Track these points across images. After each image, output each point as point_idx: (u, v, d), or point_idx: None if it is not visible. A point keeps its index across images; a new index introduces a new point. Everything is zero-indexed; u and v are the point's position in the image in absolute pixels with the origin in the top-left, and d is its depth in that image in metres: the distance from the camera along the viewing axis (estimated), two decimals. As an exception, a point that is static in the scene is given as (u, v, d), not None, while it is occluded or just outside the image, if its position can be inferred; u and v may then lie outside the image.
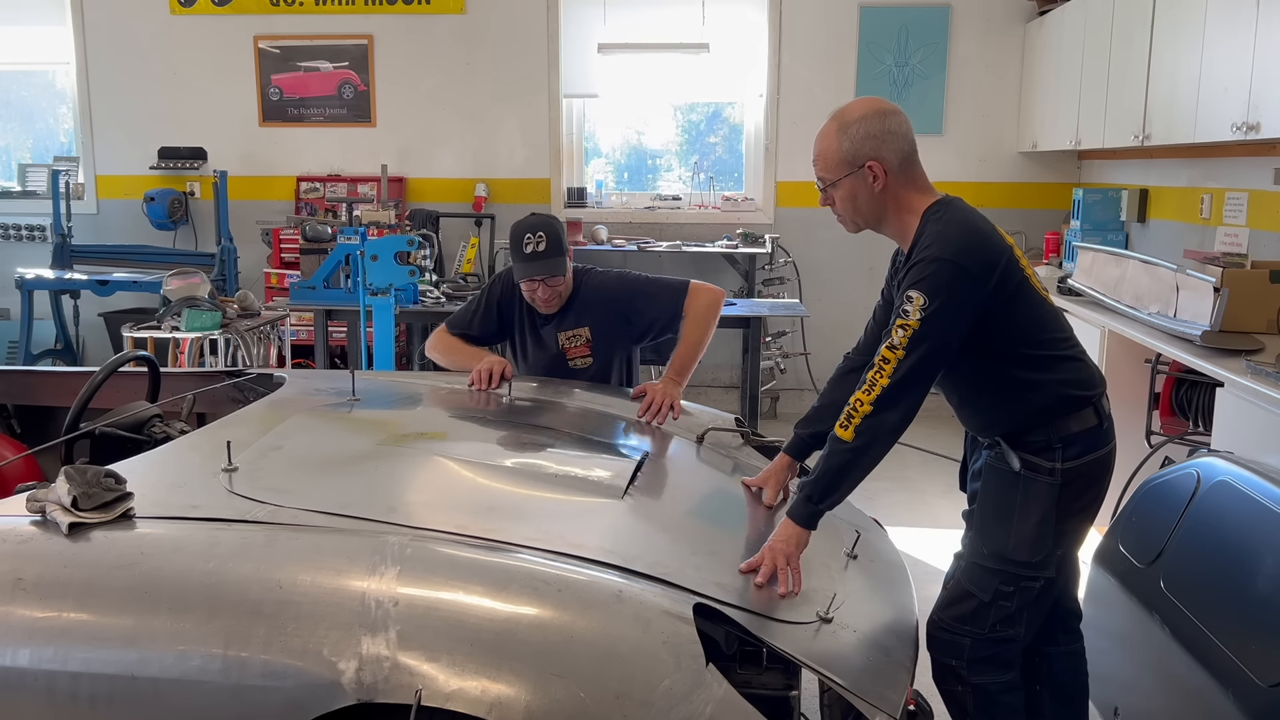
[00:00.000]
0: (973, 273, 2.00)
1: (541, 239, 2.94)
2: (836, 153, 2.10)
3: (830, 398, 2.37)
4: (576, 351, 3.09)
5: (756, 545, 2.00)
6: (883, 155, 2.08)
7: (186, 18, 6.69)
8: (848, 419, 2.00)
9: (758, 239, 6.30)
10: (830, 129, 2.12)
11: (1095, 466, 2.14)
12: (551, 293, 3.02)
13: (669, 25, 6.39)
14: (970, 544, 2.22)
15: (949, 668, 2.18)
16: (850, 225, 2.20)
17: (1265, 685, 1.96)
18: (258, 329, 5.08)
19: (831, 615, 1.84)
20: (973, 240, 2.04)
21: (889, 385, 1.98)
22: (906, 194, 2.12)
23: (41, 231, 6.83)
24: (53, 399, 3.07)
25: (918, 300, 1.97)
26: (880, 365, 1.99)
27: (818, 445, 2.37)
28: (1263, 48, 3.46)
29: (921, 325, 1.96)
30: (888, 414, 1.99)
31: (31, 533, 1.74)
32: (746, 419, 3.57)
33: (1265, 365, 2.97)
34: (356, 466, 2.18)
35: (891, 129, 2.09)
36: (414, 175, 6.75)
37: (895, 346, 1.98)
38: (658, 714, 1.47)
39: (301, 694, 1.50)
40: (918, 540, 4.16)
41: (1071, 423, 2.10)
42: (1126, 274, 4.11)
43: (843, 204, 2.15)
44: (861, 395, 2.00)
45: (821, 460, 2.05)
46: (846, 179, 2.11)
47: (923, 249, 2.03)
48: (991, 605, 2.13)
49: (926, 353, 1.98)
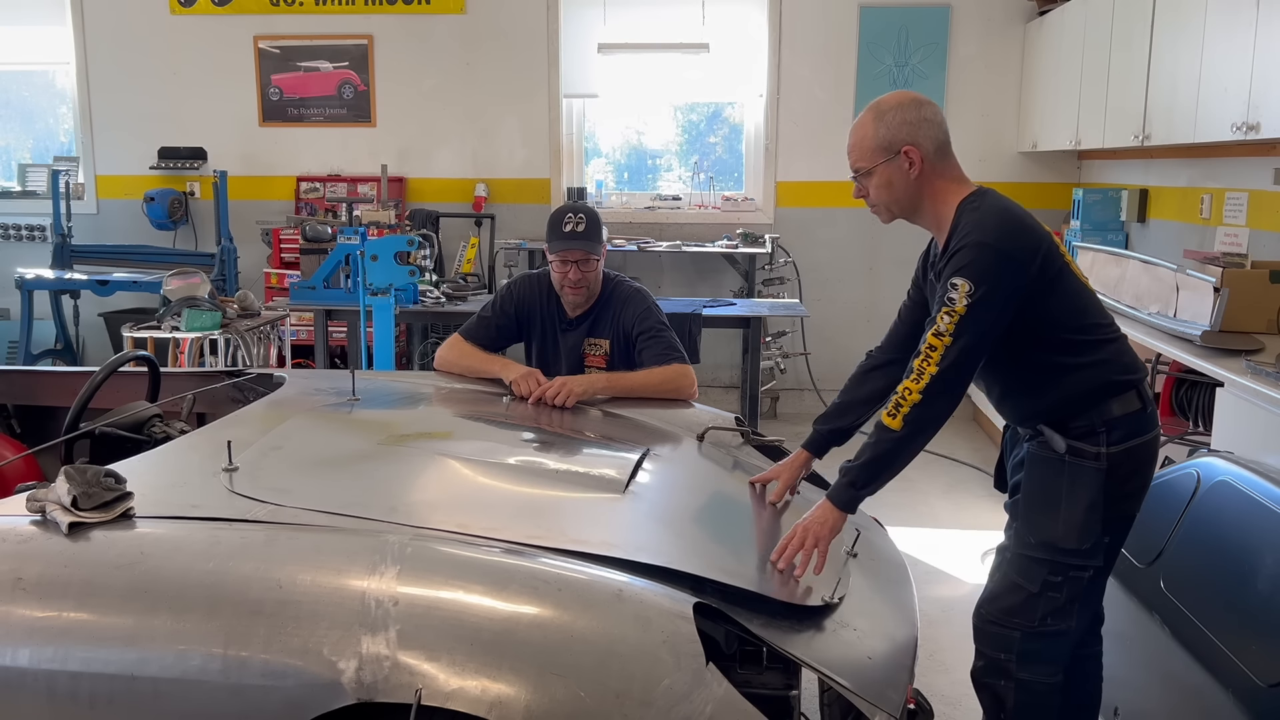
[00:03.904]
0: (1016, 258, 2.01)
1: (582, 220, 3.03)
2: (873, 139, 2.11)
3: (851, 395, 2.38)
4: (594, 361, 3.10)
5: (758, 538, 2.00)
6: (918, 141, 2.09)
7: (186, 18, 6.69)
8: (895, 408, 2.01)
9: (758, 239, 6.30)
10: (866, 119, 2.14)
11: (1142, 451, 2.13)
12: (582, 277, 3.04)
13: (669, 25, 6.39)
14: (1016, 536, 2.20)
15: (997, 662, 2.16)
16: (885, 214, 2.20)
17: (1265, 685, 1.96)
18: (258, 329, 5.07)
19: (837, 600, 1.84)
20: (1014, 227, 2.05)
21: (937, 373, 1.98)
22: (942, 182, 2.13)
23: (41, 231, 6.83)
24: (53, 399, 3.07)
25: (964, 287, 1.97)
26: (927, 353, 1.99)
27: (837, 441, 2.39)
28: (1263, 48, 3.46)
29: (968, 311, 1.97)
30: (937, 402, 2.00)
31: (31, 532, 1.74)
32: (746, 419, 3.56)
33: (1265, 365, 2.97)
34: (357, 466, 2.18)
35: (927, 117, 2.11)
36: (414, 175, 6.76)
37: (942, 334, 1.98)
38: (658, 713, 1.47)
39: (301, 693, 1.50)
40: (918, 540, 4.16)
41: (1114, 406, 2.09)
42: (1126, 274, 4.11)
43: (878, 192, 2.15)
44: (910, 384, 2.00)
45: (868, 448, 2.06)
46: (882, 166, 2.11)
47: (963, 236, 2.03)
48: (1040, 596, 2.11)
49: (973, 338, 1.99)
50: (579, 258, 3.02)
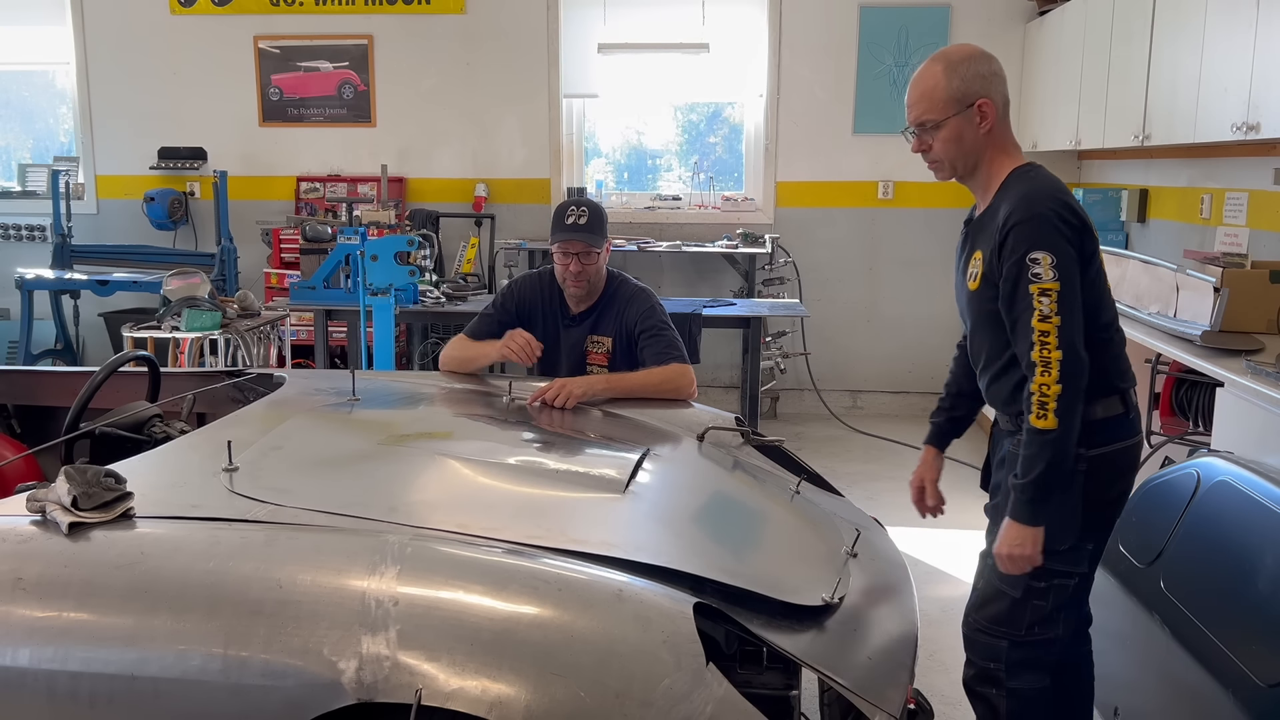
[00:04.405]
0: (1076, 227, 2.01)
1: (585, 213, 3.05)
2: (945, 90, 2.07)
3: (958, 386, 2.40)
4: (596, 358, 3.11)
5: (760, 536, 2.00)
6: (992, 95, 2.07)
7: (186, 18, 6.69)
8: (1042, 408, 1.95)
9: (758, 239, 6.30)
10: (934, 69, 2.09)
11: (1122, 457, 2.12)
12: (583, 269, 3.04)
13: (669, 25, 6.39)
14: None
15: (987, 671, 2.16)
16: (946, 171, 2.16)
17: (1265, 685, 1.96)
18: (258, 329, 5.07)
19: (837, 600, 1.84)
20: (1069, 201, 2.04)
21: (1063, 355, 1.94)
22: (1004, 142, 2.12)
23: (41, 231, 6.83)
24: (53, 399, 3.07)
25: (1045, 259, 1.95)
26: (1042, 340, 1.95)
27: (956, 433, 2.43)
28: (1263, 48, 3.46)
29: (1062, 284, 1.94)
30: (1076, 379, 1.96)
31: (31, 533, 1.74)
32: (746, 419, 3.57)
33: (1265, 365, 2.97)
34: (357, 466, 2.18)
35: (997, 71, 2.09)
36: (414, 175, 6.76)
37: (1048, 316, 1.95)
38: (658, 713, 1.47)
39: (301, 693, 1.50)
40: (918, 540, 4.16)
41: (1098, 408, 2.07)
42: (1126, 274, 4.11)
43: (944, 145, 2.11)
44: (1043, 379, 1.95)
45: (1037, 460, 1.98)
46: (954, 118, 2.08)
47: (1028, 206, 2.00)
48: (1025, 603, 2.10)
49: (1074, 308, 1.97)
50: (579, 250, 3.02)
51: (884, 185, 6.43)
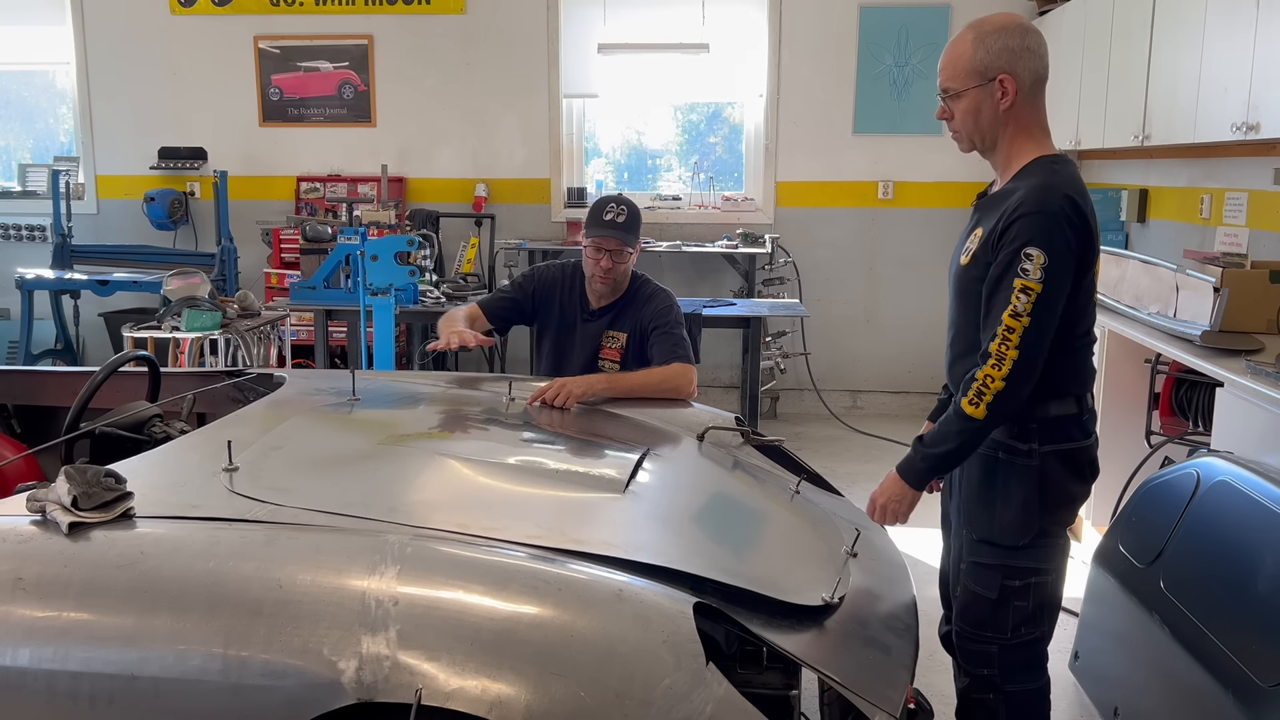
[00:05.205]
0: (1082, 232, 1.95)
1: (624, 211, 3.08)
2: (969, 61, 2.02)
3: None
4: (610, 354, 3.13)
5: (759, 536, 2.00)
6: (1016, 71, 2.00)
7: (186, 18, 6.69)
8: (978, 396, 1.94)
9: (758, 239, 6.30)
10: (965, 37, 2.04)
11: (1076, 458, 2.08)
12: (613, 267, 3.07)
13: (669, 25, 6.39)
14: (966, 543, 2.16)
15: (981, 678, 2.15)
16: (965, 143, 2.12)
17: (1265, 685, 1.96)
18: (258, 329, 5.07)
19: (837, 600, 1.83)
20: (1082, 205, 1.97)
21: (1019, 358, 1.91)
22: (1028, 123, 2.04)
23: (41, 231, 6.83)
24: (53, 399, 3.07)
25: (1039, 259, 1.90)
26: (1005, 335, 1.92)
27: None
28: (1263, 48, 3.46)
29: (1045, 287, 1.90)
30: (1022, 386, 1.94)
31: (31, 532, 1.74)
32: (746, 419, 3.57)
33: (1265, 365, 2.97)
34: (357, 466, 2.18)
35: (1030, 46, 2.02)
36: (414, 175, 6.76)
37: (1020, 314, 1.91)
38: (658, 713, 1.47)
39: (301, 693, 1.50)
40: (918, 539, 4.15)
41: (1052, 406, 2.04)
42: (1126, 274, 4.11)
43: (963, 117, 2.07)
44: (992, 371, 1.93)
45: (950, 436, 2.01)
46: (973, 90, 2.02)
47: (1032, 200, 1.94)
48: (1005, 605, 2.09)
49: (1048, 315, 1.93)
50: (613, 247, 3.05)
51: (884, 185, 6.44)
